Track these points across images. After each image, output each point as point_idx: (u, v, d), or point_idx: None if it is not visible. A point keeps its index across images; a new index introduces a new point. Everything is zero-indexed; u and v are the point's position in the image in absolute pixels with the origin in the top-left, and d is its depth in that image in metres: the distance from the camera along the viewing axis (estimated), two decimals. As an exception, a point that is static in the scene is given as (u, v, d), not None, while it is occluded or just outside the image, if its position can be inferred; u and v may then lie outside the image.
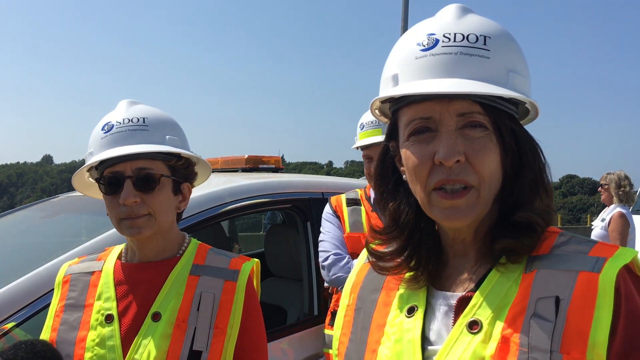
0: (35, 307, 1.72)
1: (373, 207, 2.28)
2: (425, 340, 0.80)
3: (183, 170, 1.31)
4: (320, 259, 2.27)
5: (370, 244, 0.91)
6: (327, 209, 2.38)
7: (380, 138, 2.19)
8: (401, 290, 0.86)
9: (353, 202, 2.34)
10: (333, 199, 2.39)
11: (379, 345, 0.83)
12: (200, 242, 1.36)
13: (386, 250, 0.88)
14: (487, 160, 0.76)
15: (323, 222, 2.35)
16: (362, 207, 2.31)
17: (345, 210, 2.30)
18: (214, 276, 1.26)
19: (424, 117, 0.77)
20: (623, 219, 4.60)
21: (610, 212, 4.70)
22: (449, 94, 0.74)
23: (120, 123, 1.25)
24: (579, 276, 0.70)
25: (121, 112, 1.29)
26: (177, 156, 1.29)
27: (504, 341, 0.71)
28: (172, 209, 1.29)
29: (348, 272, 2.09)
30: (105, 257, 1.34)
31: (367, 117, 2.30)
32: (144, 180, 1.23)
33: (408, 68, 0.78)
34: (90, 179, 1.35)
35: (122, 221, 1.23)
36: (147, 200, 1.23)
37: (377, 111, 0.90)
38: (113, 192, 1.23)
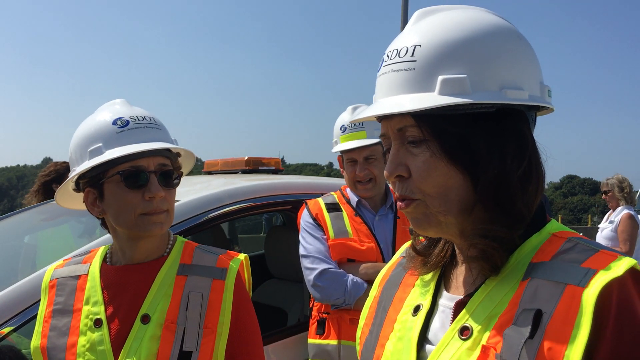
0: (35, 310, 1.71)
1: (356, 211, 2.19)
2: (425, 340, 0.80)
3: (180, 170, 1.32)
4: (310, 276, 2.09)
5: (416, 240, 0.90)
6: (305, 217, 2.22)
7: (366, 141, 2.12)
8: (415, 288, 0.87)
9: (333, 208, 2.22)
10: (311, 205, 2.24)
11: (387, 340, 0.84)
12: (186, 240, 1.35)
13: (418, 247, 0.89)
14: (427, 177, 0.75)
15: (303, 232, 2.19)
16: (344, 212, 2.20)
17: (327, 216, 2.18)
18: (202, 275, 1.25)
19: (382, 134, 0.81)
20: (632, 220, 4.67)
21: (618, 213, 4.75)
22: (359, 119, 0.81)
23: (135, 120, 1.24)
24: (565, 290, 0.67)
25: (127, 110, 1.27)
26: (177, 157, 1.31)
27: (484, 351, 0.69)
28: None
29: (343, 288, 2.00)
30: (91, 259, 1.32)
31: (349, 118, 2.19)
32: (166, 176, 1.24)
33: (375, 88, 0.82)
34: (72, 187, 1.30)
35: (142, 216, 1.21)
36: (167, 196, 1.24)
37: None
38: (136, 187, 1.20)
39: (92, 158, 1.21)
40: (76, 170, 1.24)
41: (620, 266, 0.66)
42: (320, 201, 2.25)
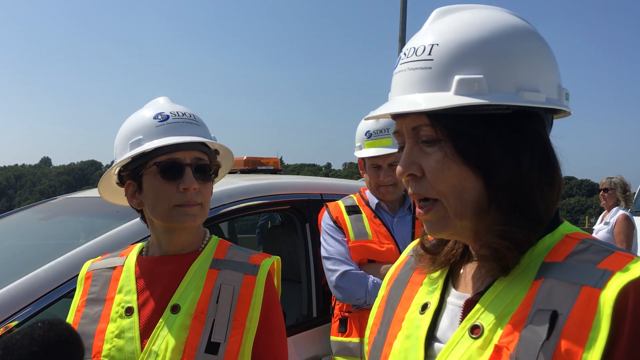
0: (33, 310, 1.71)
1: (375, 213, 2.24)
2: (433, 339, 0.79)
3: (217, 167, 1.36)
4: (332, 277, 2.15)
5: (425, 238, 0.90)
6: (326, 219, 2.28)
7: (392, 149, 2.14)
8: (423, 286, 0.86)
9: (353, 210, 2.27)
10: (331, 208, 2.29)
11: (395, 339, 0.84)
12: (220, 239, 1.38)
13: (428, 245, 0.89)
14: (440, 177, 0.74)
15: (324, 234, 2.25)
16: (363, 214, 2.25)
17: (347, 219, 2.23)
18: (234, 270, 1.28)
19: (396, 131, 0.81)
20: (628, 222, 4.69)
21: (614, 215, 4.77)
22: (373, 117, 0.81)
23: (175, 115, 1.30)
24: (581, 291, 0.66)
25: (169, 106, 1.33)
26: (216, 153, 1.35)
27: (497, 350, 0.69)
28: None
29: (364, 289, 2.07)
30: (127, 253, 1.37)
31: (374, 124, 2.21)
32: (202, 170, 1.28)
33: (391, 86, 0.82)
34: (116, 182, 1.35)
35: (176, 208, 1.24)
36: (202, 190, 1.27)
37: None
38: (172, 178, 1.24)
39: (132, 150, 1.26)
40: (117, 161, 1.30)
41: (637, 268, 0.65)
42: (341, 204, 2.31)
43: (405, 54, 0.78)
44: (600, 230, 4.88)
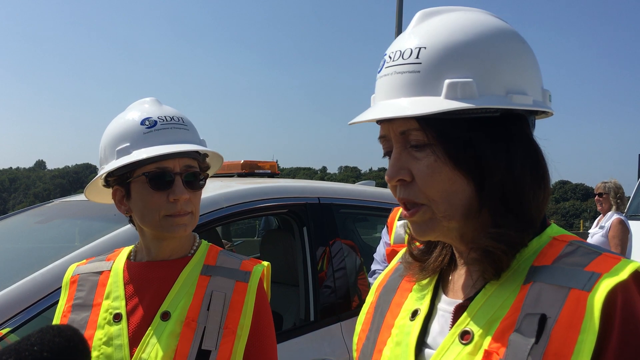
0: (30, 313, 1.70)
1: None
2: (424, 345, 0.79)
3: (206, 171, 1.33)
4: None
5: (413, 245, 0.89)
6: (387, 221, 2.51)
7: None
8: (412, 292, 0.86)
9: None
10: (392, 212, 2.46)
11: (385, 346, 0.83)
12: (210, 244, 1.36)
13: (416, 252, 0.88)
14: (431, 181, 0.74)
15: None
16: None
17: (395, 224, 2.39)
18: (226, 276, 1.26)
19: (381, 136, 0.80)
20: (622, 225, 4.71)
21: (609, 219, 4.80)
22: (358, 121, 0.78)
23: (162, 120, 1.24)
24: (569, 294, 0.66)
25: (156, 109, 1.27)
26: (205, 157, 1.32)
27: (487, 356, 0.69)
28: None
29: None
30: (115, 257, 1.33)
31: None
32: (192, 178, 1.24)
33: (375, 89, 0.80)
34: (101, 183, 1.31)
35: (166, 218, 1.21)
36: (192, 198, 1.24)
37: None
38: (161, 188, 1.21)
39: (120, 157, 1.22)
40: (104, 169, 1.25)
41: (625, 270, 0.65)
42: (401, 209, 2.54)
43: (390, 57, 0.77)
44: (596, 234, 4.90)
